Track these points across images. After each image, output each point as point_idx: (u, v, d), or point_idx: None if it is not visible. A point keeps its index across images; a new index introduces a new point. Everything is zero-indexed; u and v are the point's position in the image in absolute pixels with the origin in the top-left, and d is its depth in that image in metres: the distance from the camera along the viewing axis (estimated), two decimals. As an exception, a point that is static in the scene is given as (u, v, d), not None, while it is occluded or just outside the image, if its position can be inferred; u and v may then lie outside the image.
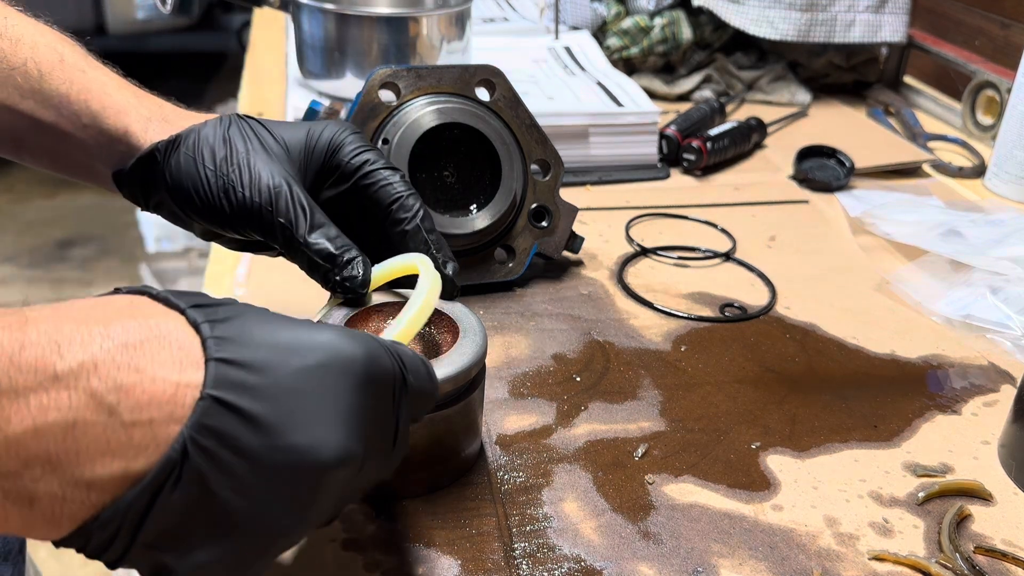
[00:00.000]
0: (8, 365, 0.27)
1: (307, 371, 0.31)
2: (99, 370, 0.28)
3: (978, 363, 0.66)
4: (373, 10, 0.89)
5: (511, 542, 0.47)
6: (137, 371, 0.29)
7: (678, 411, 0.59)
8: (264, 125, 0.51)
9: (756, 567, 0.47)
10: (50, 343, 0.28)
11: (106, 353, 0.28)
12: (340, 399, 0.32)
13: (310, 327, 0.33)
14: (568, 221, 0.73)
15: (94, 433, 0.28)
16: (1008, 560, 0.48)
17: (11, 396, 0.27)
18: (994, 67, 1.10)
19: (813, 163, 0.96)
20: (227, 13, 3.60)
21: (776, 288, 0.74)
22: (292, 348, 0.32)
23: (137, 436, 0.29)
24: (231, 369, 0.30)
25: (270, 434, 0.30)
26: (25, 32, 0.51)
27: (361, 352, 0.33)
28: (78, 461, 0.28)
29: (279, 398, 0.31)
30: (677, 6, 1.16)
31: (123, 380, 0.28)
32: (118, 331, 0.29)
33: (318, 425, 0.31)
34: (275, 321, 0.33)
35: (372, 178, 0.50)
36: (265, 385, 0.30)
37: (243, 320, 0.32)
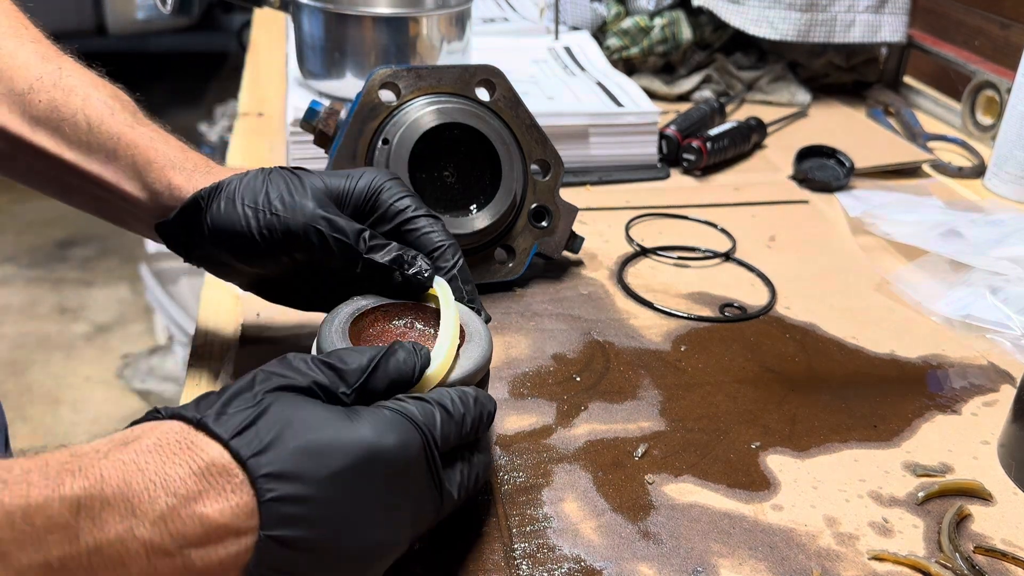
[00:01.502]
0: (92, 525, 0.30)
1: (342, 476, 0.35)
2: (169, 527, 0.32)
3: (978, 363, 0.66)
4: (373, 10, 0.89)
5: (511, 542, 0.47)
6: (202, 524, 0.32)
7: (678, 411, 0.59)
8: (305, 171, 0.52)
9: (756, 567, 0.47)
10: (125, 502, 0.31)
11: (173, 510, 0.32)
12: (380, 495, 0.36)
13: (342, 423, 0.36)
14: (568, 221, 0.73)
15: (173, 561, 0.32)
16: (1008, 560, 0.48)
17: (98, 554, 0.30)
18: (994, 67, 1.10)
19: (813, 163, 0.96)
20: (227, 13, 3.60)
21: (776, 288, 0.74)
22: (327, 454, 0.35)
23: (209, 569, 0.32)
24: (280, 506, 0.33)
25: (320, 554, 0.34)
26: (79, 84, 0.53)
27: (393, 442, 0.36)
28: None
29: (322, 516, 0.34)
30: (677, 6, 1.16)
31: (190, 533, 0.32)
32: (175, 483, 0.32)
33: (362, 529, 0.35)
34: (309, 422, 0.35)
35: (414, 224, 0.51)
36: (309, 510, 0.34)
37: (280, 437, 0.34)
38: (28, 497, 0.30)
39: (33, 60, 0.53)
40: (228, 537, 0.33)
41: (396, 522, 0.37)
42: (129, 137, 0.52)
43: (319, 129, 0.69)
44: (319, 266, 0.50)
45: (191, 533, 0.32)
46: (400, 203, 0.51)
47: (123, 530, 0.31)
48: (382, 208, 0.51)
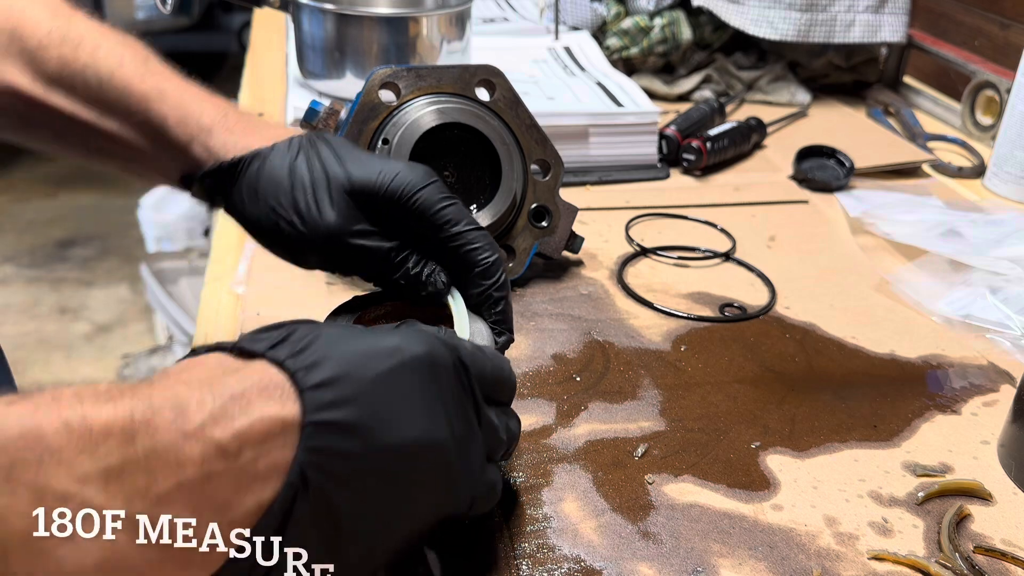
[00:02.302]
0: (146, 429, 0.31)
1: (383, 375, 0.36)
2: (219, 423, 0.32)
3: (978, 363, 0.66)
4: (373, 10, 0.89)
5: (511, 542, 0.47)
6: (247, 416, 0.33)
7: (678, 411, 0.59)
8: (335, 152, 0.49)
9: (756, 567, 0.47)
10: (175, 407, 0.32)
11: (220, 408, 0.33)
12: (415, 393, 0.36)
13: (376, 335, 0.37)
14: (568, 221, 0.73)
15: (226, 478, 0.32)
16: (1007, 560, 0.48)
17: (154, 456, 0.31)
18: (994, 67, 1.10)
19: (813, 163, 0.96)
20: (227, 13, 3.60)
21: (776, 288, 0.74)
22: (367, 356, 0.36)
23: (261, 469, 0.33)
24: (321, 392, 0.34)
25: (365, 436, 0.34)
26: (86, 35, 0.51)
27: (422, 350, 0.37)
28: (218, 505, 0.32)
29: (365, 403, 0.35)
30: (677, 6, 1.16)
31: (239, 427, 0.33)
32: (222, 388, 0.33)
33: (402, 419, 0.36)
34: (345, 335, 0.37)
35: (460, 240, 0.49)
36: (351, 395, 0.35)
37: (317, 343, 0.36)
38: (83, 409, 0.30)
39: (43, 15, 0.52)
40: (276, 435, 0.33)
41: (430, 422, 0.37)
42: (140, 92, 0.50)
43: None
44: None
45: (241, 431, 0.32)
46: (440, 216, 0.48)
47: (176, 432, 0.31)
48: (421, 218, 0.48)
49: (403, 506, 0.37)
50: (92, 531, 0.30)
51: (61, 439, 0.30)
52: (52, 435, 0.30)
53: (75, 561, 0.30)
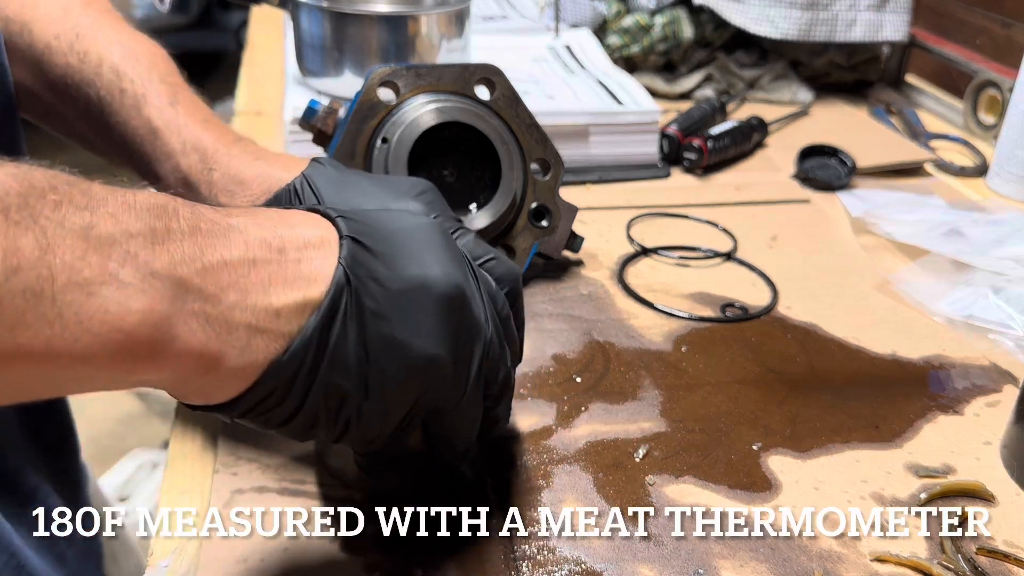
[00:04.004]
0: (192, 214, 0.32)
1: (409, 228, 0.39)
2: (263, 226, 0.34)
3: (980, 363, 0.66)
4: (372, 8, 0.89)
5: (511, 543, 0.47)
6: (291, 227, 0.35)
7: (679, 412, 0.58)
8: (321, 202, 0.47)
9: (757, 568, 0.46)
10: (216, 208, 0.34)
11: (265, 216, 0.35)
12: (435, 245, 0.39)
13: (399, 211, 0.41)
14: (568, 221, 0.73)
15: (272, 268, 0.33)
16: (1010, 561, 0.48)
17: (198, 235, 0.32)
18: (996, 66, 1.10)
19: (814, 162, 0.96)
20: (225, 11, 3.59)
21: (777, 288, 0.74)
22: (393, 217, 0.39)
23: (306, 269, 0.34)
24: (357, 224, 0.37)
25: (393, 265, 0.37)
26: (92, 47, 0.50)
27: (437, 223, 0.41)
28: (264, 291, 0.33)
29: (394, 242, 0.37)
30: (678, 4, 1.15)
31: (282, 232, 0.35)
32: (263, 212, 0.36)
33: (424, 259, 0.38)
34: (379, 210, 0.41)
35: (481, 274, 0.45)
36: (382, 234, 0.37)
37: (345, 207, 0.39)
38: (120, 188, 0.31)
39: (54, 12, 0.51)
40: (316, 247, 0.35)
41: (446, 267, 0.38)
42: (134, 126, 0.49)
43: (318, 128, 0.68)
44: None
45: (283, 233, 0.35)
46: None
47: (220, 221, 0.33)
48: None
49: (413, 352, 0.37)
50: (138, 277, 0.29)
51: (107, 192, 0.30)
52: (99, 188, 0.29)
53: (120, 305, 0.28)
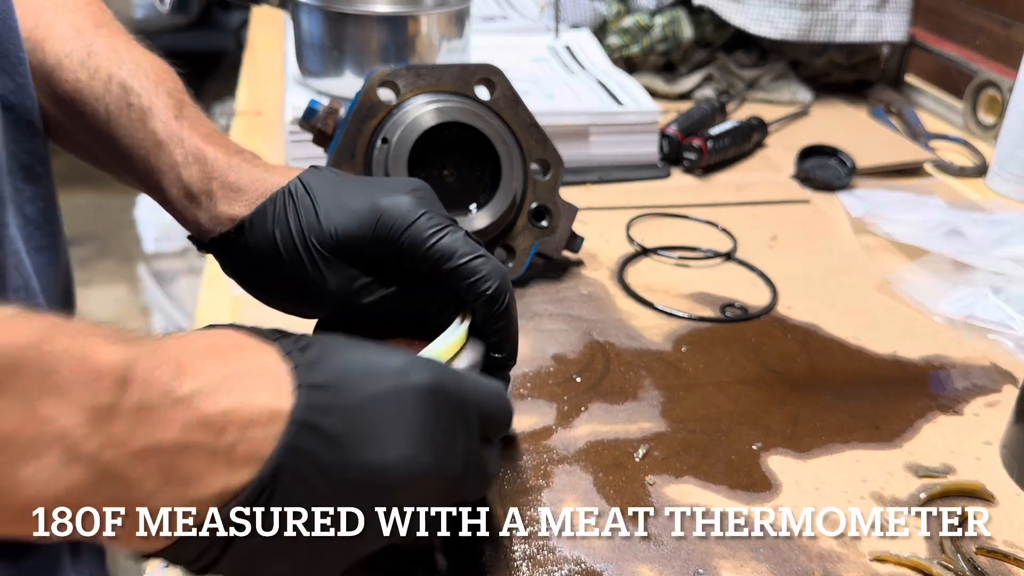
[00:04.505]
0: (143, 380, 0.31)
1: (379, 394, 0.35)
2: (211, 396, 0.32)
3: (980, 363, 0.66)
4: (372, 8, 0.89)
5: (511, 543, 0.47)
6: (240, 396, 0.32)
7: (679, 412, 0.58)
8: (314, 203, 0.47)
9: (757, 568, 0.46)
10: (175, 368, 0.32)
11: (216, 382, 0.32)
12: (407, 420, 0.35)
13: (381, 353, 0.37)
14: (568, 221, 0.73)
15: (203, 455, 0.31)
16: (1010, 561, 0.48)
17: (141, 410, 0.30)
18: (996, 66, 1.10)
19: (814, 162, 0.96)
20: (225, 12, 3.59)
21: (777, 288, 0.74)
22: (366, 372, 0.35)
23: (238, 455, 0.32)
24: (315, 393, 0.34)
25: (346, 450, 0.34)
26: (103, 63, 0.51)
27: (427, 378, 0.36)
28: (186, 481, 0.31)
29: (354, 418, 0.34)
30: (678, 5, 1.15)
31: (228, 404, 0.32)
32: (224, 362, 0.33)
33: (387, 443, 0.35)
34: (349, 347, 0.36)
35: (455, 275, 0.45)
36: (343, 406, 0.34)
37: (323, 347, 0.36)
38: (86, 344, 0.30)
39: (67, 32, 0.51)
40: (262, 424, 0.33)
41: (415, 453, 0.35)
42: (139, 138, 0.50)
43: (318, 128, 0.68)
44: None
45: (230, 409, 0.32)
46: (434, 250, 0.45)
47: (168, 393, 0.31)
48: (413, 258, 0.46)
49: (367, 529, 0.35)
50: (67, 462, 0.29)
51: (68, 353, 0.29)
52: (63, 344, 0.30)
53: (40, 484, 0.29)
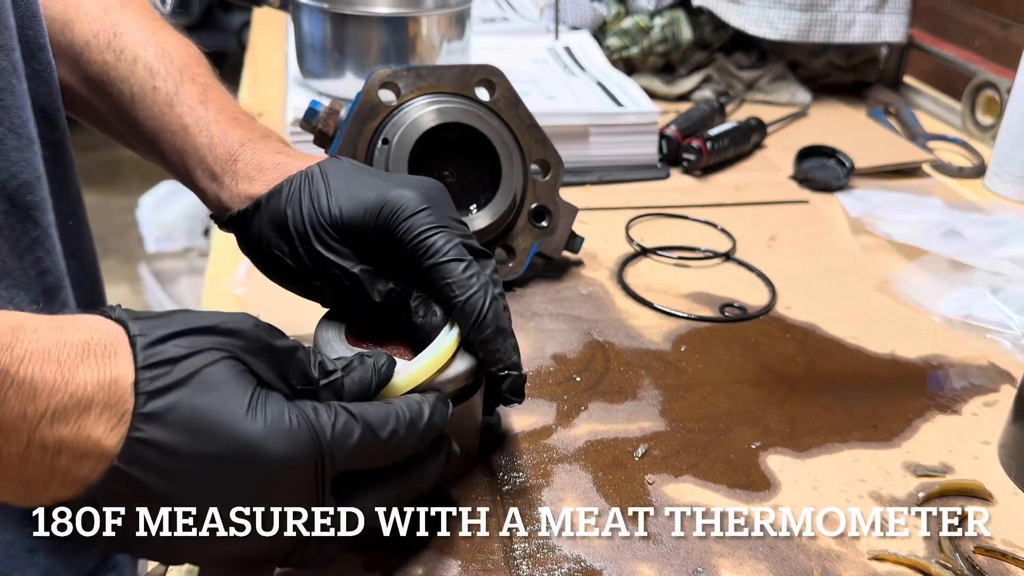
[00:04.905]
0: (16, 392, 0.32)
1: (212, 460, 0.35)
2: (53, 423, 0.33)
3: (978, 363, 0.66)
4: (373, 10, 0.89)
5: (511, 542, 0.47)
6: (78, 428, 0.33)
7: (678, 411, 0.59)
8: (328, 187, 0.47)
9: (756, 567, 0.47)
10: (33, 388, 0.33)
11: (62, 409, 0.33)
12: (234, 496, 0.36)
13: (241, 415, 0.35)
14: (568, 221, 0.73)
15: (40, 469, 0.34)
16: (1008, 560, 0.48)
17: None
18: (994, 67, 1.10)
19: (813, 163, 0.96)
20: (227, 13, 3.59)
21: (776, 288, 0.74)
22: (209, 435, 0.35)
23: (69, 477, 0.34)
24: (144, 448, 0.34)
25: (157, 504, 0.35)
26: (129, 45, 0.51)
27: (278, 452, 0.36)
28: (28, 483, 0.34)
29: (178, 480, 0.35)
30: (677, 6, 1.16)
31: (66, 434, 0.33)
32: (75, 380, 0.34)
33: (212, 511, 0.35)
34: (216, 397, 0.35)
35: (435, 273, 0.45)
36: (168, 466, 0.34)
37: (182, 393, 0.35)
38: None
39: (94, 11, 0.52)
40: (89, 457, 0.34)
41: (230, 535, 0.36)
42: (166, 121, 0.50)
43: (319, 129, 0.69)
44: None
45: (67, 439, 0.33)
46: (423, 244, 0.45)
47: (20, 412, 0.32)
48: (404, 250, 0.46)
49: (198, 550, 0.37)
50: None
51: None
52: None
53: None
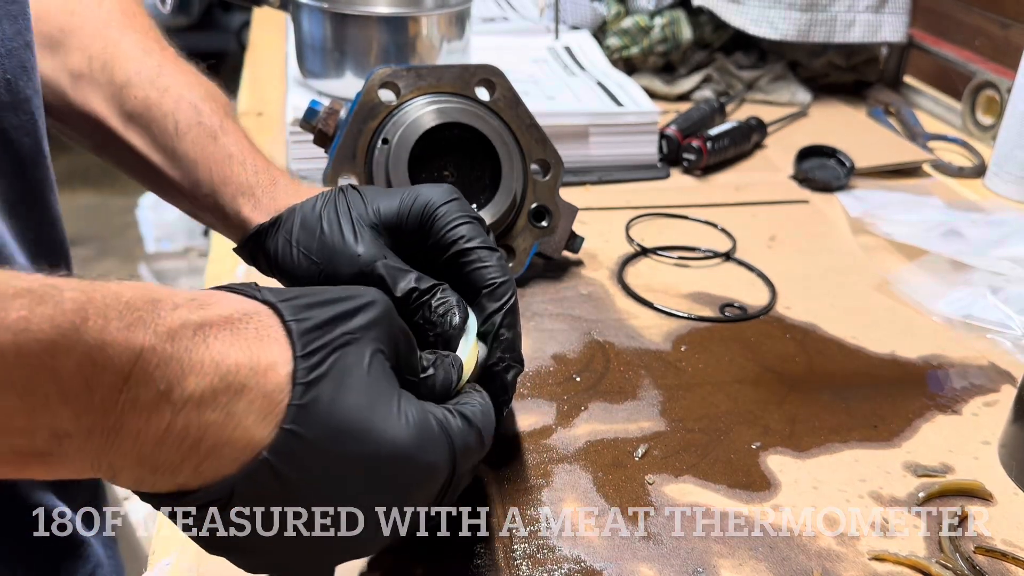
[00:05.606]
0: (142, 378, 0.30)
1: (359, 463, 0.35)
2: (201, 407, 0.32)
3: (978, 363, 0.66)
4: (373, 10, 0.89)
5: (511, 543, 0.47)
6: (226, 418, 0.32)
7: (678, 411, 0.59)
8: (361, 196, 0.50)
9: (756, 567, 0.47)
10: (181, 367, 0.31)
11: (212, 392, 0.32)
12: (377, 499, 0.35)
13: (391, 412, 0.35)
14: (568, 221, 0.73)
15: (177, 452, 0.32)
16: (1008, 560, 0.48)
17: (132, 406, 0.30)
18: (994, 67, 1.10)
19: (813, 163, 0.96)
20: (227, 13, 3.60)
21: (776, 288, 0.74)
22: (360, 434, 0.34)
23: (204, 467, 0.32)
24: (293, 440, 0.33)
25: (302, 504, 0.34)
26: (173, 84, 0.54)
27: (425, 462, 0.36)
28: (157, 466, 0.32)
29: (322, 479, 0.34)
30: (677, 6, 1.16)
31: (213, 419, 0.32)
32: (232, 370, 0.32)
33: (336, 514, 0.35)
34: (368, 392, 0.35)
35: (468, 256, 0.48)
36: (314, 467, 0.34)
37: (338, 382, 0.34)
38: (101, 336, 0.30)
39: (135, 52, 0.54)
40: (235, 446, 0.32)
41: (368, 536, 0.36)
42: (209, 150, 0.52)
43: (319, 128, 0.69)
44: None
45: (211, 423, 0.32)
46: (454, 232, 0.48)
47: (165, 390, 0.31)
48: (436, 236, 0.48)
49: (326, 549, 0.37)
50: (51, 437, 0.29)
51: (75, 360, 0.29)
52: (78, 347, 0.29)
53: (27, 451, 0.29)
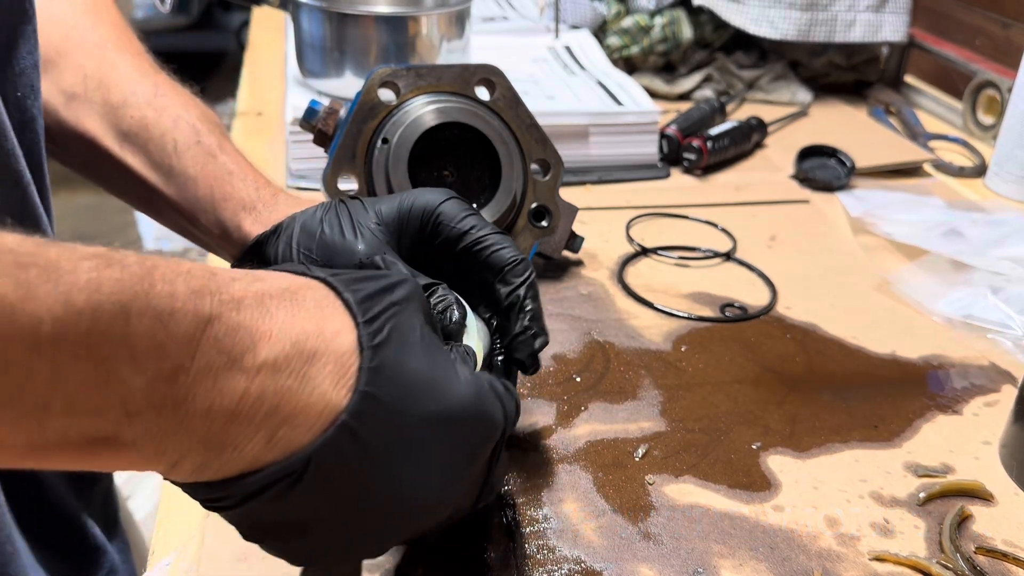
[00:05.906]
0: (213, 345, 0.30)
1: (431, 420, 0.35)
2: (275, 373, 0.31)
3: (979, 363, 0.66)
4: (373, 9, 0.89)
5: (511, 543, 0.47)
6: (301, 383, 0.32)
7: (678, 411, 0.59)
8: (361, 202, 0.51)
9: (757, 568, 0.46)
10: (251, 335, 0.31)
11: (285, 357, 0.32)
12: (449, 455, 0.36)
13: (449, 369, 0.37)
14: (568, 221, 0.73)
15: (249, 426, 0.31)
16: (1009, 560, 0.48)
17: (205, 374, 0.30)
18: (995, 67, 1.10)
19: (814, 163, 0.96)
20: (226, 12, 3.60)
21: (776, 288, 0.74)
22: (428, 393, 0.35)
23: (278, 438, 0.32)
24: (369, 402, 0.33)
25: (378, 465, 0.34)
26: (170, 105, 0.54)
27: (489, 416, 0.37)
28: (225, 444, 0.31)
29: (398, 438, 0.34)
30: (677, 5, 1.15)
31: (289, 385, 0.32)
32: (302, 337, 0.33)
33: (421, 474, 0.35)
34: (427, 353, 0.36)
35: (482, 243, 0.49)
36: (392, 423, 0.34)
37: (399, 346, 0.35)
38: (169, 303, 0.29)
39: (131, 74, 0.55)
40: (310, 413, 0.32)
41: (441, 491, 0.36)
42: (209, 168, 0.53)
43: (318, 128, 0.69)
44: None
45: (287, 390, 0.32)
46: (463, 224, 0.49)
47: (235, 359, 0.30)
48: (445, 232, 0.49)
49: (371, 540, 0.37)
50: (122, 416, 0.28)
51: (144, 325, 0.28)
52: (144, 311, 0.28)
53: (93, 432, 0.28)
